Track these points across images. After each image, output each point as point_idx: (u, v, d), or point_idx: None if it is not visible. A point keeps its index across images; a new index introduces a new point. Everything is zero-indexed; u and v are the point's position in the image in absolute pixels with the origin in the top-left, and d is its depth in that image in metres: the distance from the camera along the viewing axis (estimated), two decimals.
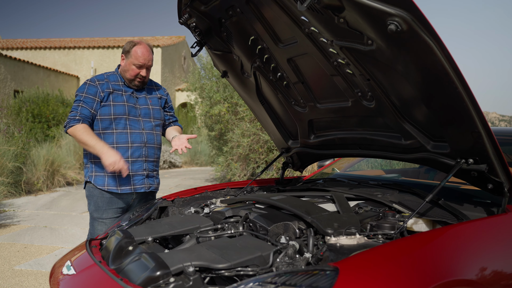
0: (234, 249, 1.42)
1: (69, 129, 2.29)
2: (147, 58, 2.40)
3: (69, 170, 8.54)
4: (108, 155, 2.21)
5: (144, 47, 2.41)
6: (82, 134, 2.26)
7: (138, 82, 2.44)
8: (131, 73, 2.40)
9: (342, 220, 1.56)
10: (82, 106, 2.32)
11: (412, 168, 3.27)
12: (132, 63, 2.39)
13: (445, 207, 1.70)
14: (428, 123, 1.69)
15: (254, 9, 1.85)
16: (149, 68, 2.44)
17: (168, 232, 1.74)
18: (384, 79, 1.66)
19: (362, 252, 1.20)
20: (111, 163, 2.19)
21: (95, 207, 2.38)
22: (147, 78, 2.47)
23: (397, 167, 3.75)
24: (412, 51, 1.42)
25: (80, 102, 2.33)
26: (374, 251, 1.20)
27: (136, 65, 2.39)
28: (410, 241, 1.27)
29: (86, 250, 1.66)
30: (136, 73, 2.40)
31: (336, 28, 1.58)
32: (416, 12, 1.30)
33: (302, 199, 1.91)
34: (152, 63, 2.46)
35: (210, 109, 8.09)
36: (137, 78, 2.42)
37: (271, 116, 2.52)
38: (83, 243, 1.82)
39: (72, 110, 2.33)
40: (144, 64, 2.40)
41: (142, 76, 2.42)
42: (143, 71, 2.41)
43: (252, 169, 7.72)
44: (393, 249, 1.21)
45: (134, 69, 2.40)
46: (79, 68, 18.16)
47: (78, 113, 2.30)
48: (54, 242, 4.27)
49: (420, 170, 3.14)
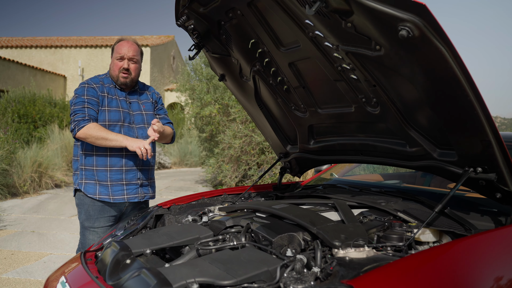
0: (238, 263, 1.36)
1: (80, 130, 2.18)
2: (128, 48, 2.32)
3: (57, 172, 8.36)
4: (132, 142, 2.20)
5: (125, 41, 2.36)
6: (99, 131, 2.18)
7: (123, 78, 2.34)
8: (115, 68, 2.33)
9: (348, 231, 1.51)
10: (88, 107, 2.23)
11: (409, 173, 3.24)
12: (115, 57, 2.34)
13: (451, 216, 1.66)
14: (435, 130, 1.65)
15: (255, 12, 1.79)
16: (133, 61, 2.35)
17: (167, 243, 1.67)
18: (391, 85, 1.61)
19: (378, 269, 1.14)
20: (138, 146, 2.17)
21: (86, 216, 2.29)
22: (134, 74, 2.37)
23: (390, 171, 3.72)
24: (422, 58, 1.38)
25: (85, 104, 2.24)
26: (390, 267, 1.14)
27: (117, 58, 2.32)
28: (426, 256, 1.22)
29: (81, 264, 1.58)
30: (118, 67, 2.32)
31: (342, 33, 1.53)
32: (429, 18, 1.25)
33: (304, 208, 1.86)
34: (139, 57, 2.37)
35: (201, 111, 8.00)
36: (120, 72, 2.33)
37: (269, 120, 2.46)
38: (77, 255, 1.74)
39: (76, 112, 2.22)
40: (124, 55, 2.31)
41: (125, 69, 2.32)
42: (124, 63, 2.32)
43: (243, 171, 7.66)
44: (409, 265, 1.16)
45: (116, 63, 2.33)
46: (66, 68, 17.88)
47: (86, 114, 2.21)
48: (42, 248, 4.15)
49: (417, 175, 3.11)
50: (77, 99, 2.27)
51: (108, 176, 2.26)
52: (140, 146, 2.17)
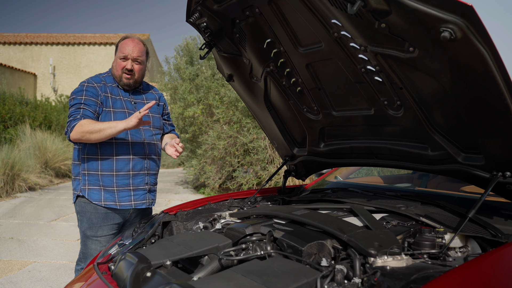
0: (274, 275, 1.29)
1: (72, 130, 2.03)
2: (132, 48, 2.20)
3: (30, 174, 8.01)
4: (127, 120, 2.03)
5: (130, 39, 2.24)
6: (91, 124, 2.03)
7: (126, 79, 2.22)
8: (117, 68, 2.21)
9: (380, 238, 1.46)
10: (84, 108, 2.09)
11: (406, 174, 3.25)
12: (118, 57, 2.22)
13: (476, 221, 1.65)
14: (463, 134, 1.62)
15: (276, 11, 1.72)
16: (138, 62, 2.23)
17: (186, 253, 1.58)
18: (420, 88, 1.58)
19: (437, 279, 1.09)
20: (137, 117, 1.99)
21: (89, 225, 2.15)
22: (138, 75, 2.26)
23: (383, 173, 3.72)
24: (461, 60, 1.34)
25: (81, 105, 2.10)
26: (448, 278, 1.10)
27: (121, 57, 2.20)
28: (483, 264, 1.19)
29: (99, 278, 1.47)
30: (121, 66, 2.20)
31: (374, 34, 1.48)
32: (474, 19, 1.22)
33: (327, 214, 1.80)
34: (144, 57, 2.26)
35: (184, 111, 7.85)
36: (123, 73, 2.21)
37: (276, 122, 2.39)
38: (90, 268, 1.61)
39: (71, 114, 2.08)
40: (128, 55, 2.20)
41: (128, 70, 2.21)
42: (128, 63, 2.20)
43: (227, 173, 7.56)
44: (468, 275, 1.12)
45: (120, 62, 2.21)
46: (37, 65, 17.25)
47: (80, 114, 2.07)
48: (24, 256, 3.93)
49: (414, 176, 3.12)
50: (74, 101, 2.14)
51: (114, 182, 2.13)
52: (137, 117, 2.00)
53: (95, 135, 2.02)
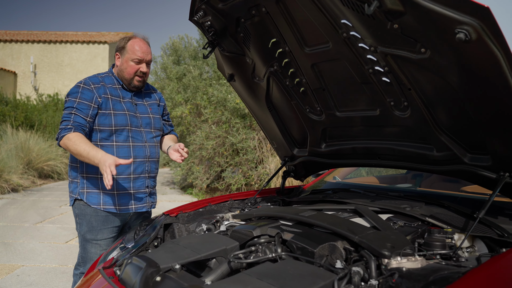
0: (290, 278, 1.27)
1: (61, 140, 1.99)
2: (145, 51, 2.16)
3: (13, 175, 7.80)
4: (103, 159, 1.88)
5: (141, 40, 2.18)
6: (74, 144, 1.96)
7: (138, 82, 2.18)
8: (130, 71, 2.15)
9: (391, 239, 1.46)
10: (76, 114, 2.03)
11: (400, 174, 3.28)
12: (129, 59, 2.14)
13: (482, 221, 1.66)
14: (470, 135, 1.63)
15: (283, 10, 1.70)
16: (149, 64, 2.20)
17: (194, 256, 1.54)
18: (429, 88, 1.58)
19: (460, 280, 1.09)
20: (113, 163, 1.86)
21: (89, 228, 2.09)
22: (147, 76, 2.24)
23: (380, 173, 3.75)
24: (473, 61, 1.35)
25: (73, 109, 2.03)
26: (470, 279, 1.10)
27: (135, 60, 2.14)
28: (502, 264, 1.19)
29: (109, 284, 1.42)
30: (135, 69, 2.15)
31: (385, 34, 1.48)
32: (491, 21, 1.22)
33: (335, 215, 1.79)
34: (152, 58, 2.23)
35: (171, 111, 7.76)
36: (136, 75, 2.16)
37: (277, 123, 2.37)
38: (95, 272, 1.57)
39: (63, 119, 2.03)
40: (143, 59, 2.15)
41: (142, 73, 2.17)
42: (142, 66, 2.16)
43: (215, 173, 7.51)
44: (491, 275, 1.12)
45: (132, 65, 2.14)
46: (17, 64, 16.83)
47: (71, 121, 2.01)
48: (12, 260, 3.81)
49: (407, 176, 3.14)
50: (67, 103, 2.08)
51: (114, 185, 2.08)
52: (114, 164, 1.87)
53: (75, 155, 2.00)
